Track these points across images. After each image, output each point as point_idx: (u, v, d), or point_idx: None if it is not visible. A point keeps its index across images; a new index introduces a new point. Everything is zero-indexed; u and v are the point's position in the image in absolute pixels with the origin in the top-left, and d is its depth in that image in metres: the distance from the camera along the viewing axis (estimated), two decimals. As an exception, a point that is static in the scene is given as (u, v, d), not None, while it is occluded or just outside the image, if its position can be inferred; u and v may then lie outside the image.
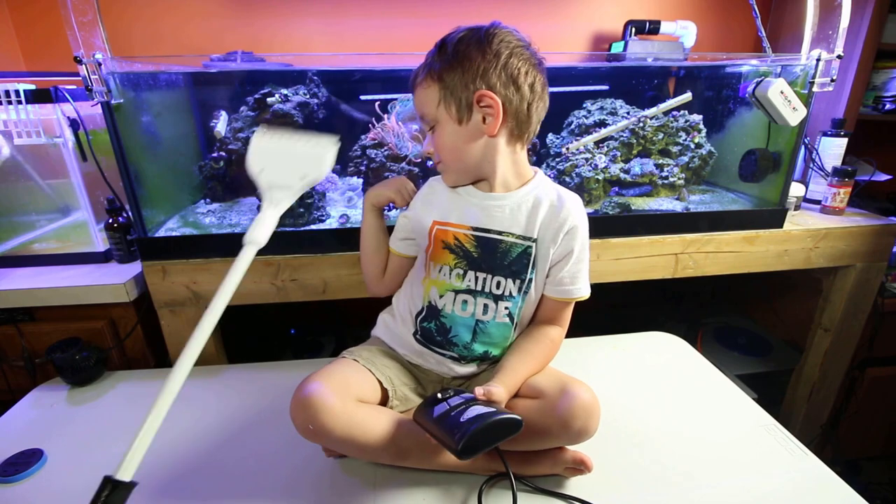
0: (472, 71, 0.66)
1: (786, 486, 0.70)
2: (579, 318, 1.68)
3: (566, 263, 0.75)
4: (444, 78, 0.68)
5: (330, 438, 0.65)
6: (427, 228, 0.76)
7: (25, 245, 1.05)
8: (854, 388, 1.37)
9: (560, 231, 0.73)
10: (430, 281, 0.76)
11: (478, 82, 0.67)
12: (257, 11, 1.32)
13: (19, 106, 0.92)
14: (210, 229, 1.03)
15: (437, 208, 0.76)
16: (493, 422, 0.58)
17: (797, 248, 1.13)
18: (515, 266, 0.74)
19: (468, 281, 0.74)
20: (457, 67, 0.67)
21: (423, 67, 0.70)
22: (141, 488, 0.70)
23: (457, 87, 0.67)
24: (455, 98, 0.68)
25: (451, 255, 0.74)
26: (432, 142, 0.73)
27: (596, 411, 0.66)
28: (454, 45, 0.68)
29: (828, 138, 1.28)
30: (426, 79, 0.70)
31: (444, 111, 0.69)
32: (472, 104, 0.67)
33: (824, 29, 1.01)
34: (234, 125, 1.17)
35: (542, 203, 0.73)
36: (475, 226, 0.74)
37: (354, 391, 0.69)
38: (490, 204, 0.74)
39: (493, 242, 0.73)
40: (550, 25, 1.45)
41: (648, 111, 1.19)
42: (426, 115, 0.72)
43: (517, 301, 0.75)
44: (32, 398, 0.92)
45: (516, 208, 0.73)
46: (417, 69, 0.72)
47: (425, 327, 0.78)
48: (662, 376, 0.95)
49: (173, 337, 1.01)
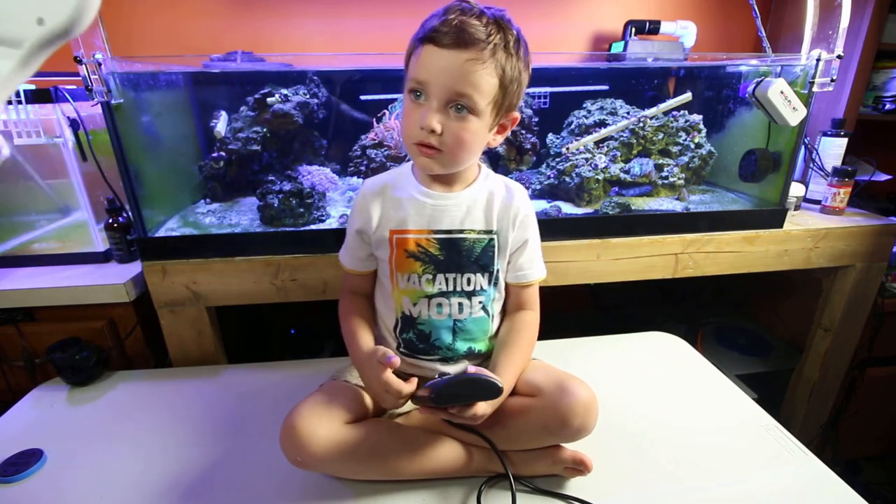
0: (521, 91, 0.67)
1: (786, 487, 0.70)
2: (579, 318, 1.69)
3: (523, 251, 0.76)
4: (507, 82, 0.63)
5: (321, 468, 0.68)
6: (386, 239, 0.73)
7: (25, 245, 1.05)
8: (854, 388, 1.37)
9: (514, 221, 0.74)
10: (399, 291, 0.75)
11: (517, 102, 0.68)
12: (257, 11, 1.32)
13: (19, 106, 0.92)
14: (210, 229, 1.03)
15: (390, 216, 0.73)
16: (472, 377, 0.60)
17: (797, 248, 1.13)
18: (483, 260, 0.74)
19: (439, 284, 0.73)
20: (516, 80, 0.64)
21: (497, 45, 0.60)
22: (141, 488, 0.70)
23: (509, 99, 0.65)
24: (503, 108, 0.66)
25: (416, 263, 0.73)
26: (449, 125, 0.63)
27: (594, 408, 0.66)
28: (521, 49, 0.64)
29: (828, 138, 1.28)
30: (497, 65, 0.61)
31: (489, 110, 0.64)
32: (505, 119, 0.68)
33: (824, 29, 1.01)
34: (234, 125, 1.17)
35: (496, 194, 0.74)
36: (435, 228, 0.72)
37: (344, 416, 0.68)
38: (448, 203, 0.72)
39: (457, 242, 0.73)
40: (550, 25, 1.45)
41: (648, 111, 1.19)
42: (471, 99, 0.61)
43: (489, 293, 0.75)
44: (32, 398, 0.92)
45: (472, 204, 0.73)
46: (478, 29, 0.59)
47: (405, 338, 0.77)
48: (662, 376, 0.95)
49: (173, 337, 1.01)
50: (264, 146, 1.16)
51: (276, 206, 1.01)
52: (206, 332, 1.01)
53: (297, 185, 1.05)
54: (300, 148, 1.23)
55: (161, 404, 0.89)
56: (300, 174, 1.12)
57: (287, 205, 1.01)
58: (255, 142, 1.15)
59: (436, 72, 0.61)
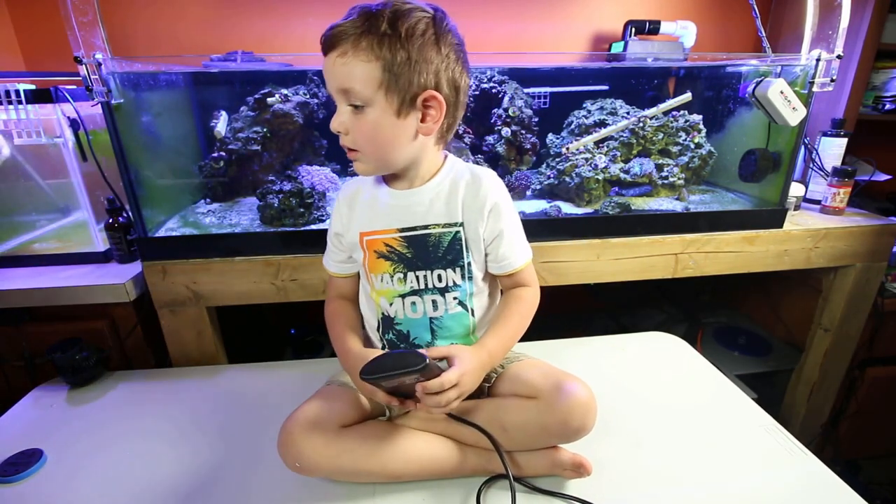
0: (426, 69, 0.61)
1: (786, 486, 0.70)
2: (579, 318, 1.69)
3: (500, 242, 0.73)
4: (392, 64, 0.60)
5: (319, 473, 0.68)
6: (357, 242, 0.74)
7: (25, 245, 1.05)
8: (854, 388, 1.37)
9: (483, 209, 0.71)
10: (376, 292, 0.75)
11: (430, 82, 0.62)
12: (257, 11, 1.32)
13: (19, 106, 0.92)
14: (210, 229, 1.03)
15: (360, 218, 0.74)
16: (395, 352, 0.63)
17: (797, 248, 1.13)
18: (451, 255, 0.72)
19: (410, 282, 0.73)
20: (409, 59, 0.60)
21: (362, 33, 0.60)
22: (141, 488, 0.70)
23: (404, 80, 0.61)
24: (400, 90, 0.61)
25: (386, 263, 0.73)
26: (350, 122, 0.64)
27: (593, 408, 0.66)
28: (407, 28, 0.60)
29: (828, 138, 1.28)
30: (366, 51, 0.60)
31: (382, 97, 0.61)
32: (417, 101, 0.63)
33: (824, 29, 1.01)
34: (234, 125, 1.17)
35: (459, 185, 0.72)
36: (400, 227, 0.72)
37: (341, 420, 0.69)
38: (410, 201, 0.72)
39: (421, 238, 0.72)
40: (550, 25, 1.45)
41: (648, 111, 1.19)
42: (355, 92, 0.61)
43: (464, 289, 0.74)
44: (32, 398, 0.92)
45: (435, 197, 0.72)
46: (345, 27, 0.61)
47: (388, 339, 0.77)
48: (662, 376, 0.95)
49: (173, 337, 1.01)
50: (264, 146, 1.16)
51: (276, 206, 1.01)
52: (206, 332, 1.01)
53: (297, 185, 1.05)
54: (300, 148, 1.23)
55: (161, 404, 0.89)
56: (300, 174, 1.12)
57: (287, 205, 1.02)
58: (255, 142, 1.15)
59: (327, 78, 0.65)
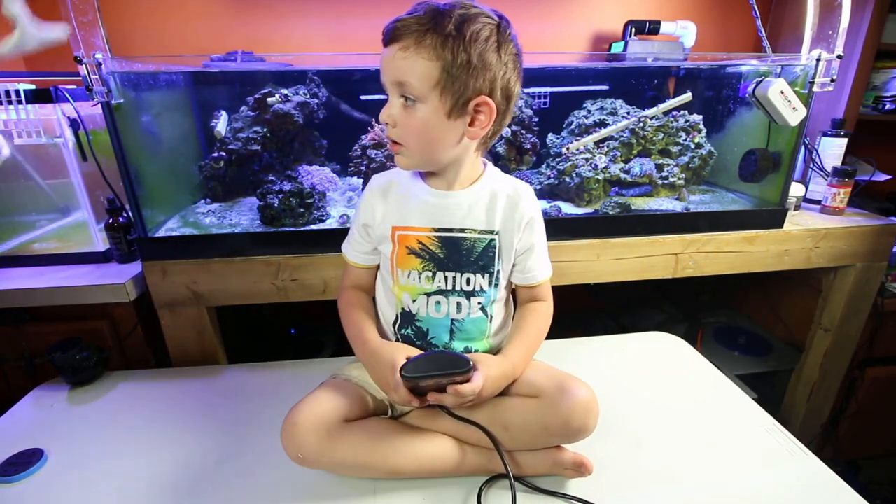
0: (484, 75, 0.62)
1: (786, 486, 0.70)
2: (580, 318, 1.69)
3: (530, 255, 0.76)
4: (452, 66, 0.60)
5: (321, 465, 0.68)
6: (388, 235, 0.73)
7: (25, 245, 1.05)
8: (854, 388, 1.37)
9: (521, 223, 0.74)
10: (399, 287, 0.75)
11: (485, 87, 0.62)
12: (257, 11, 1.32)
13: (19, 106, 0.92)
14: (210, 229, 1.03)
15: (393, 212, 0.74)
16: (440, 352, 0.61)
17: (797, 248, 1.13)
18: (483, 261, 0.73)
19: (438, 282, 0.73)
20: (469, 63, 0.60)
21: (427, 30, 0.60)
22: (141, 488, 0.70)
23: (461, 83, 0.61)
24: (455, 92, 0.62)
25: (417, 260, 0.73)
26: (400, 115, 0.64)
27: (594, 409, 0.66)
28: (472, 32, 0.60)
29: (828, 138, 1.28)
30: (429, 49, 0.60)
31: (437, 96, 0.62)
32: (469, 105, 0.63)
33: (824, 29, 1.01)
34: (234, 125, 1.17)
35: (499, 196, 0.73)
36: (436, 227, 0.72)
37: (345, 413, 0.69)
38: (449, 202, 0.72)
39: (457, 241, 0.72)
40: (550, 25, 1.45)
41: (648, 111, 1.19)
42: (410, 87, 0.62)
43: (489, 294, 0.75)
44: (32, 398, 0.92)
45: (474, 203, 0.72)
46: (410, 21, 0.61)
47: (403, 334, 0.77)
48: (662, 376, 0.95)
49: (173, 337, 1.01)
50: (264, 146, 1.16)
51: (276, 206, 1.01)
52: (206, 332, 1.01)
53: (297, 185, 1.05)
54: (300, 148, 1.23)
55: (161, 404, 0.89)
56: (300, 174, 1.12)
57: (287, 205, 1.02)
58: (256, 142, 1.15)
59: (383, 69, 0.64)
